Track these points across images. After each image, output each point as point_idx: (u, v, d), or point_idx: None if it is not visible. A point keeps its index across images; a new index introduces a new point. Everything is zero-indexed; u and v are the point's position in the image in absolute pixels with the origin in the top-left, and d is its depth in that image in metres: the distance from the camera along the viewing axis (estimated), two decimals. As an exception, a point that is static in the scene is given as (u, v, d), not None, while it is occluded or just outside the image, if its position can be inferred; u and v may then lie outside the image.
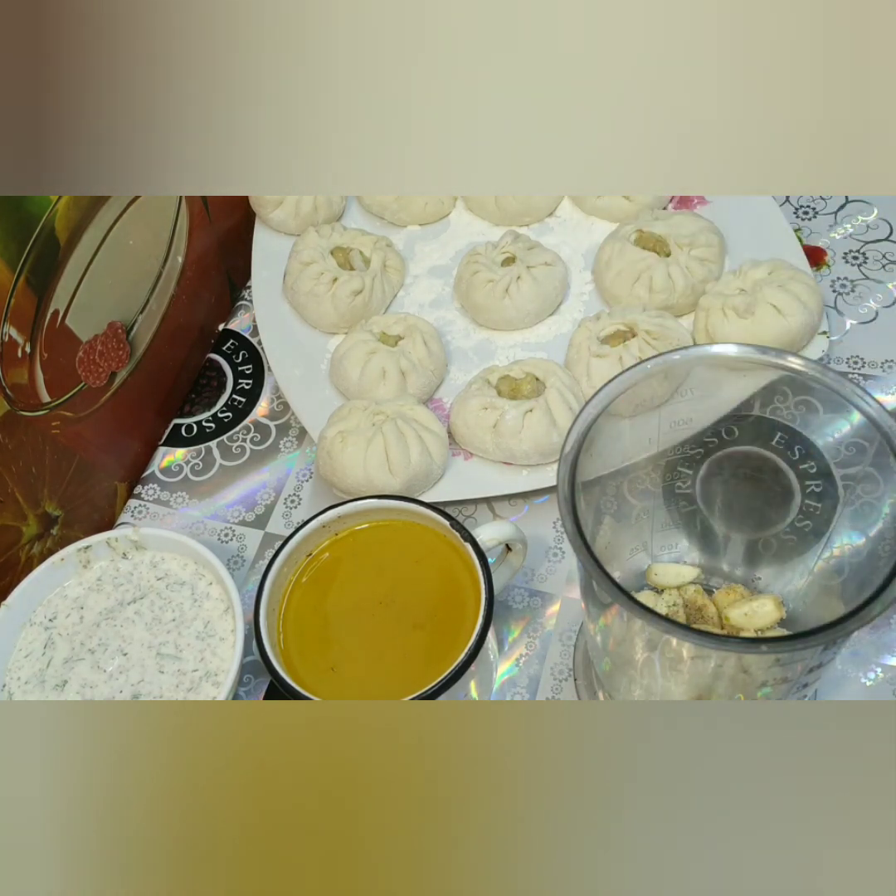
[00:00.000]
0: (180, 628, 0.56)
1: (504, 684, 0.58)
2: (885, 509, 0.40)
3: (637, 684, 0.47)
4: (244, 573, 0.64)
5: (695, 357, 0.43)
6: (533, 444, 0.61)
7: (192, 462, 0.69)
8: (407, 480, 0.60)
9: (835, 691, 0.55)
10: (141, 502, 0.68)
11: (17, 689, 0.55)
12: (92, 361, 0.61)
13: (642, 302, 0.66)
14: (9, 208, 0.52)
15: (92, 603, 0.57)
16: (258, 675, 0.59)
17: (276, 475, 0.68)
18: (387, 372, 0.64)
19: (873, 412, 0.39)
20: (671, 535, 0.51)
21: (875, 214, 0.74)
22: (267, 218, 0.74)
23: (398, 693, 0.48)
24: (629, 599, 0.36)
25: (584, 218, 0.75)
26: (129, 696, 0.54)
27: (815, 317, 0.63)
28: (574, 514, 0.38)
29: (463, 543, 0.52)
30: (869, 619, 0.35)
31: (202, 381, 0.74)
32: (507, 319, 0.69)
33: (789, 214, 0.74)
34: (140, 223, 0.64)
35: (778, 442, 0.45)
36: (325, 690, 0.50)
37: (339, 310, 0.69)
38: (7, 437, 0.55)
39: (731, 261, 0.70)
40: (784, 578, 0.49)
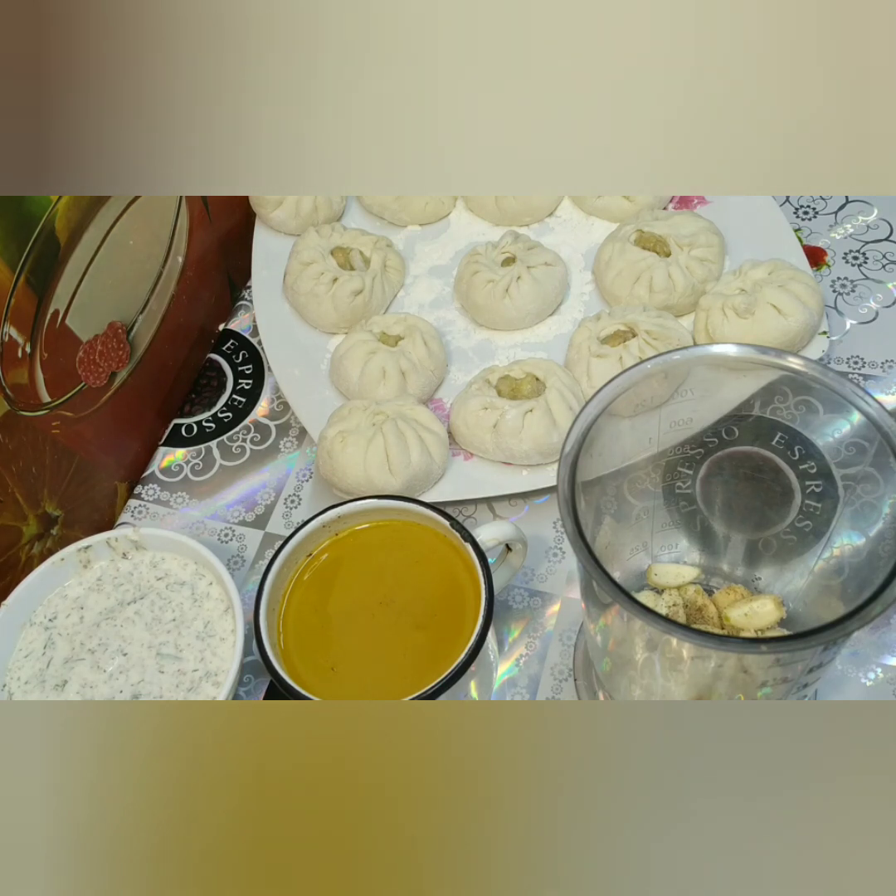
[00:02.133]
0: (180, 628, 0.56)
1: (504, 684, 0.58)
2: (885, 509, 0.40)
3: (637, 684, 0.47)
4: (244, 573, 0.64)
5: (695, 357, 0.43)
6: (533, 444, 0.61)
7: (193, 462, 0.69)
8: (407, 480, 0.60)
9: (835, 691, 0.55)
10: (141, 502, 0.68)
11: (17, 689, 0.55)
12: (92, 361, 0.61)
13: (642, 302, 0.66)
14: (9, 208, 0.52)
15: (92, 603, 0.57)
16: (258, 675, 0.59)
17: (276, 475, 0.68)
18: (387, 372, 0.64)
19: (873, 412, 0.39)
20: (671, 536, 0.51)
21: (875, 214, 0.74)
22: (267, 218, 0.74)
23: (398, 693, 0.48)
24: (629, 599, 0.36)
25: (584, 218, 0.75)
26: (129, 696, 0.54)
27: (815, 317, 0.63)
28: (574, 515, 0.38)
29: (463, 543, 0.52)
30: (869, 619, 0.35)
31: (202, 381, 0.74)
32: (508, 319, 0.69)
33: (789, 214, 0.74)
34: (140, 223, 0.64)
35: (778, 442, 0.45)
36: (325, 690, 0.50)
37: (339, 310, 0.69)
38: (7, 437, 0.55)
39: (731, 261, 0.70)
40: (784, 578, 0.49)
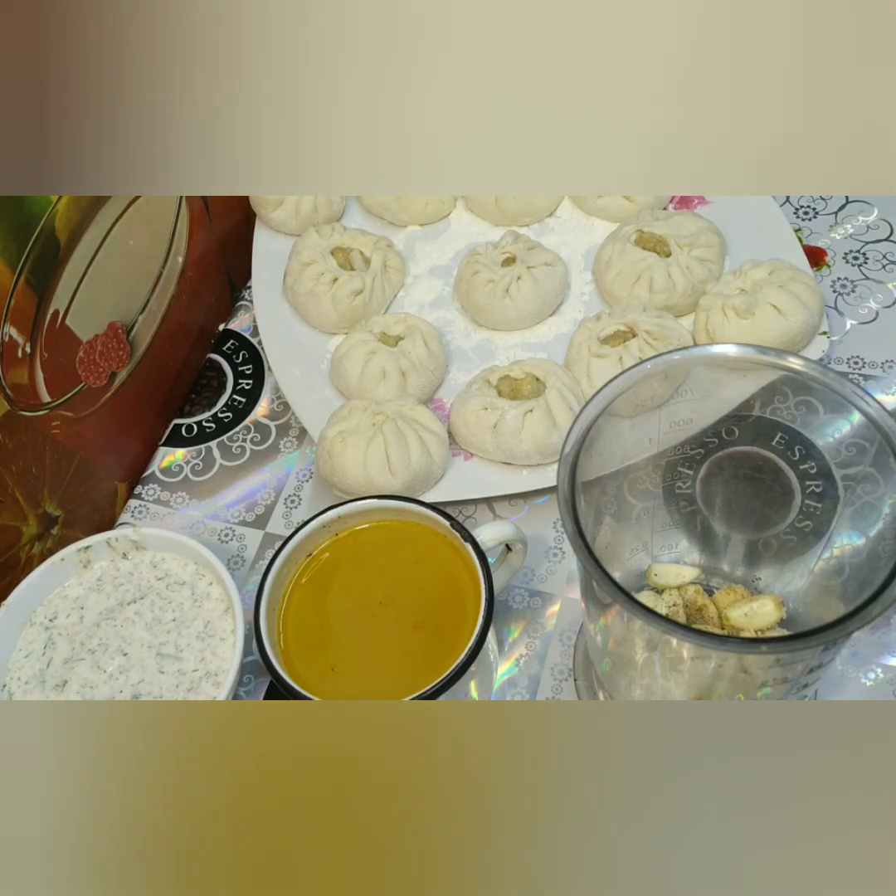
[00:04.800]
0: (180, 628, 0.56)
1: (504, 684, 0.58)
2: (885, 509, 0.40)
3: (637, 684, 0.47)
4: (244, 573, 0.64)
5: (695, 357, 0.43)
6: (533, 445, 0.61)
7: (193, 462, 0.69)
8: (407, 480, 0.60)
9: (835, 691, 0.55)
10: (141, 502, 0.68)
11: (17, 689, 0.55)
12: (92, 361, 0.61)
13: (642, 302, 0.66)
14: (9, 208, 0.52)
15: (92, 603, 0.57)
16: (258, 675, 0.59)
17: (277, 475, 0.68)
18: (387, 372, 0.64)
19: (873, 412, 0.39)
20: (671, 536, 0.51)
21: (875, 215, 0.74)
22: (267, 218, 0.74)
23: (398, 693, 0.48)
24: (629, 599, 0.36)
25: (584, 218, 0.75)
26: (129, 696, 0.54)
27: (815, 317, 0.63)
28: (574, 515, 0.38)
29: (463, 543, 0.52)
30: (869, 619, 0.35)
31: (202, 381, 0.74)
32: (508, 320, 0.69)
33: (789, 214, 0.74)
34: (140, 223, 0.64)
35: (778, 442, 0.45)
36: (325, 690, 0.50)
37: (339, 310, 0.69)
38: (7, 437, 0.55)
39: (731, 261, 0.70)
40: (784, 578, 0.49)
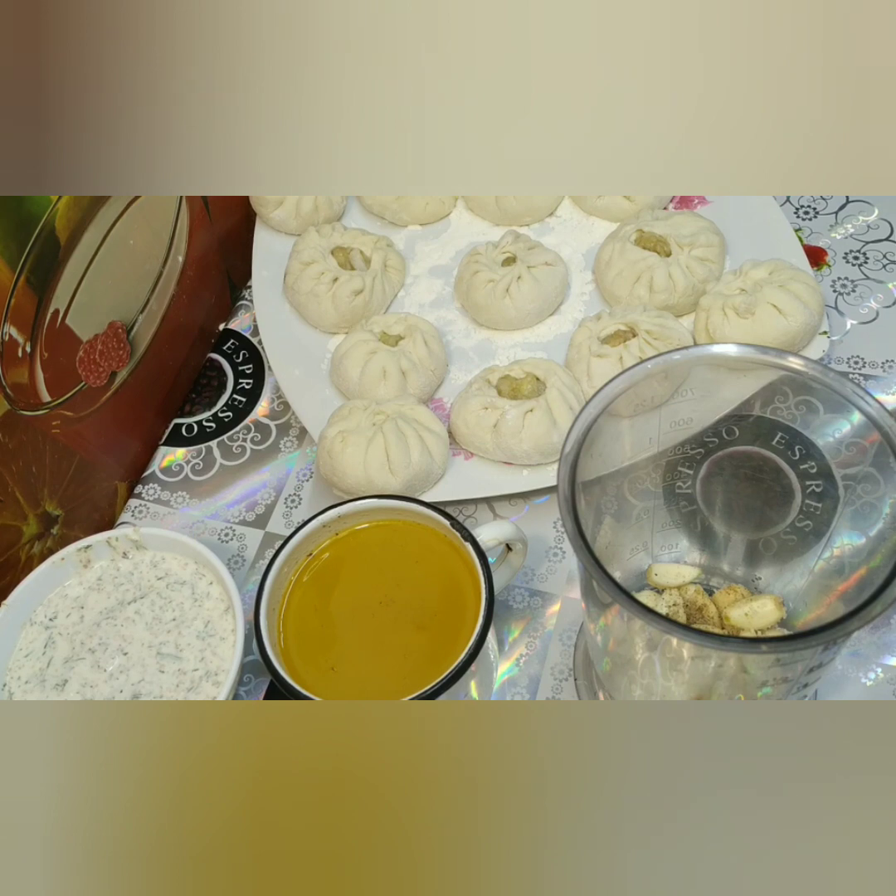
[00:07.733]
0: (180, 628, 0.56)
1: (504, 684, 0.58)
2: (885, 509, 0.40)
3: (637, 684, 0.47)
4: (244, 573, 0.64)
5: (695, 357, 0.43)
6: (533, 444, 0.61)
7: (193, 462, 0.69)
8: (407, 480, 0.60)
9: (835, 691, 0.55)
10: (141, 502, 0.68)
11: (18, 689, 0.55)
12: (92, 361, 0.61)
13: (643, 302, 0.66)
14: (9, 208, 0.52)
15: (92, 602, 0.57)
16: (258, 674, 0.59)
17: (277, 475, 0.68)
18: (387, 372, 0.64)
19: (873, 412, 0.39)
20: (671, 535, 0.51)
21: (876, 214, 0.74)
22: (267, 218, 0.74)
23: (398, 693, 0.48)
24: (629, 599, 0.36)
25: (584, 218, 0.75)
26: (129, 695, 0.54)
27: (815, 317, 0.63)
28: (574, 514, 0.38)
29: (463, 543, 0.52)
30: (869, 619, 0.35)
31: (202, 380, 0.74)
32: (508, 319, 0.69)
33: (790, 214, 0.74)
34: (140, 223, 0.64)
35: (778, 442, 0.45)
36: (325, 690, 0.50)
37: (339, 310, 0.69)
38: (7, 437, 0.55)
39: (731, 261, 0.70)
40: (784, 578, 0.49)
